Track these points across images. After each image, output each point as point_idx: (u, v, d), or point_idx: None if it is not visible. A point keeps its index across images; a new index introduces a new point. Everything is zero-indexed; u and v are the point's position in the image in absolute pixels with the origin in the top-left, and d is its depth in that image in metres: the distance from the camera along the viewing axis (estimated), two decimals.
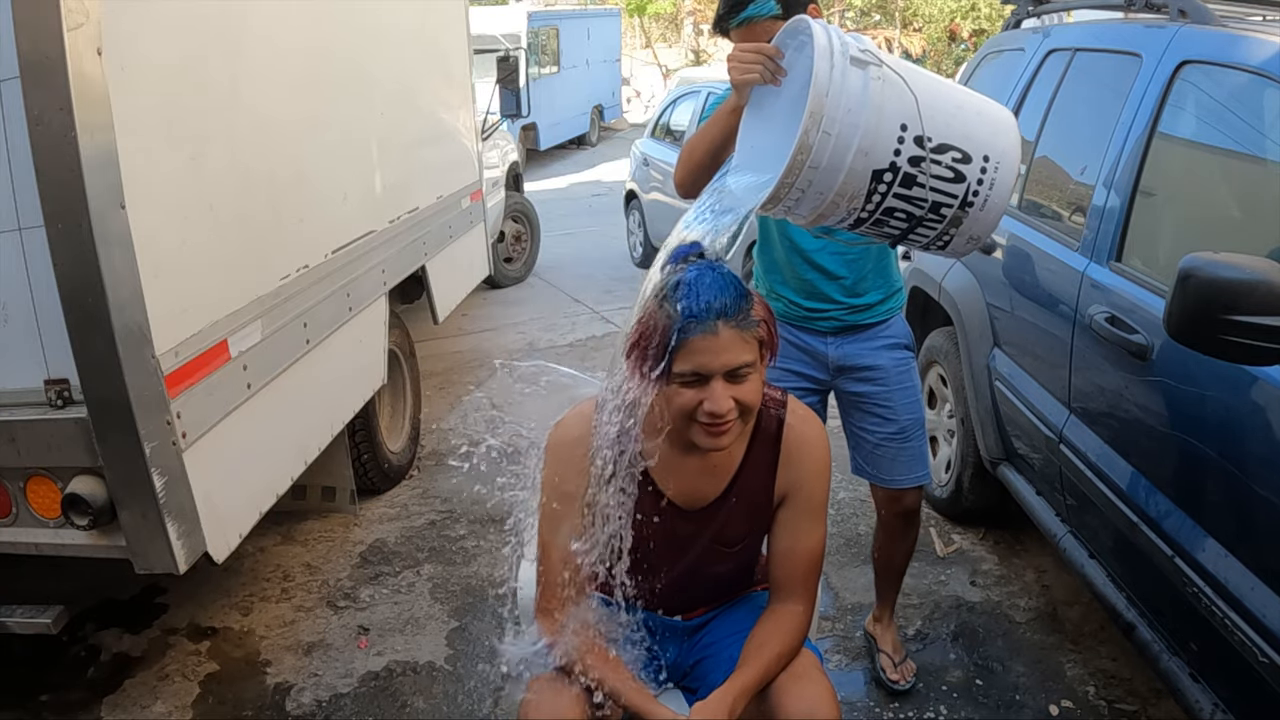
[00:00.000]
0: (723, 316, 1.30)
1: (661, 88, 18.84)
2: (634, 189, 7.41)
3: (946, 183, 1.52)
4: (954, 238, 1.60)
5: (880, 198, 1.52)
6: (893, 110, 1.48)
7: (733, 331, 1.31)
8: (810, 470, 1.52)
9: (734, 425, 1.37)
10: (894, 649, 2.50)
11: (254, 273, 2.43)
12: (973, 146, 1.52)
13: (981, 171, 1.53)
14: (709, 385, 1.33)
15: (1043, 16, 3.35)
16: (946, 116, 1.52)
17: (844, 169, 1.48)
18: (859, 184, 1.50)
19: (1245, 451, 1.68)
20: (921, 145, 1.49)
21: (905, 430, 2.22)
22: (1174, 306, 1.47)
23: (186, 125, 2.14)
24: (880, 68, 1.48)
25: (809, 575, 1.54)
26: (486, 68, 5.83)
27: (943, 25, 14.11)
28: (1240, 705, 1.72)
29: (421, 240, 3.83)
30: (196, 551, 2.10)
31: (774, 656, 1.46)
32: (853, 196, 1.52)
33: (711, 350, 1.31)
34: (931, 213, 1.55)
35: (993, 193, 1.55)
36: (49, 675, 2.62)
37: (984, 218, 1.57)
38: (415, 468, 3.81)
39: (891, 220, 1.56)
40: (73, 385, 1.95)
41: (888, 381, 2.19)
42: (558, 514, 1.49)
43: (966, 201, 1.54)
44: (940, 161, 1.51)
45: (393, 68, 3.63)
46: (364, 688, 2.53)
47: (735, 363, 1.32)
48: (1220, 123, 2.10)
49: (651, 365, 1.34)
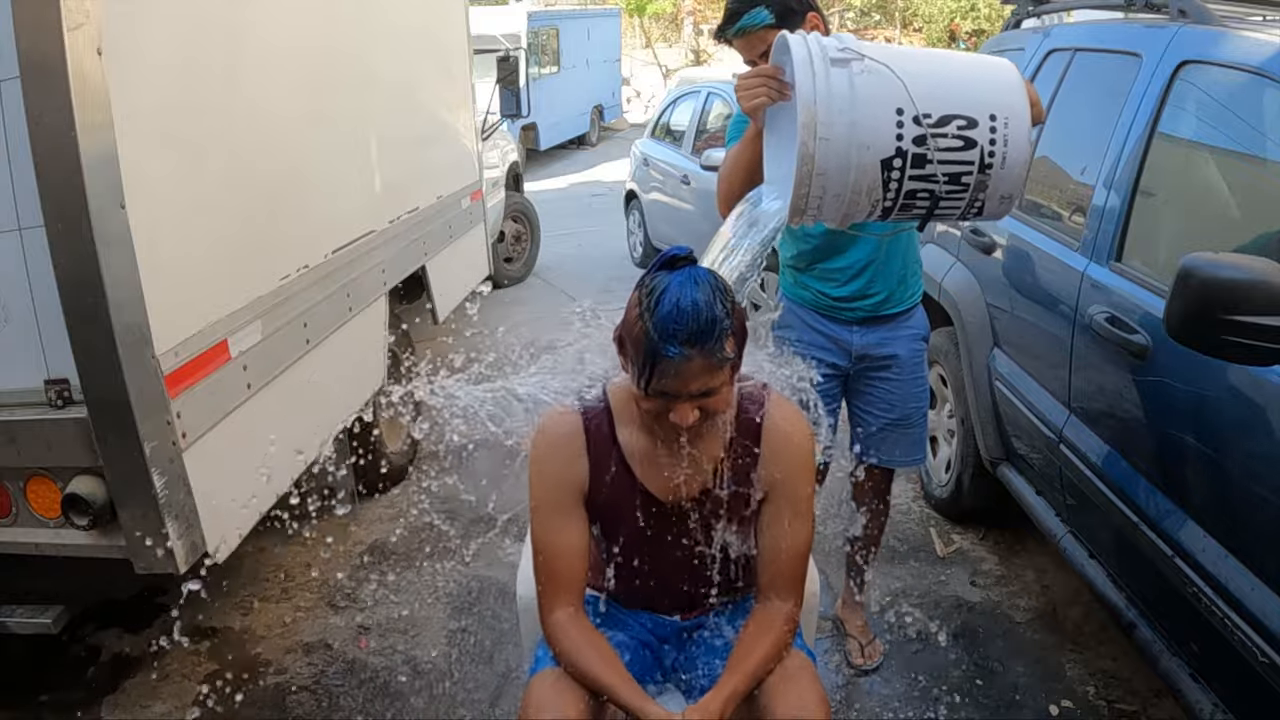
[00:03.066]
0: (697, 346, 1.28)
1: (661, 88, 18.83)
2: (634, 189, 7.41)
3: (957, 152, 1.52)
4: (985, 201, 1.59)
5: (897, 184, 1.52)
6: (884, 98, 1.48)
7: (704, 361, 1.30)
8: (793, 465, 1.51)
9: (698, 424, 1.38)
10: (861, 631, 2.57)
11: (254, 272, 2.43)
12: (976, 110, 1.52)
13: (991, 131, 1.52)
14: (676, 402, 1.35)
15: (1043, 16, 3.35)
16: (940, 89, 1.52)
17: (851, 167, 1.49)
18: (871, 177, 1.51)
19: (1245, 451, 1.68)
20: (921, 124, 1.49)
21: (909, 416, 2.31)
22: (1174, 306, 1.47)
23: (186, 125, 2.14)
24: (862, 61, 1.49)
25: (795, 573, 1.54)
26: (486, 68, 5.82)
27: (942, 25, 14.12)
28: (1240, 705, 1.72)
29: (422, 240, 3.83)
30: (196, 551, 2.10)
31: (762, 658, 1.46)
32: (870, 190, 1.53)
33: (681, 377, 1.31)
34: (952, 184, 1.54)
35: (1009, 149, 1.54)
36: (49, 675, 2.62)
37: (1008, 174, 1.56)
38: (415, 468, 3.81)
39: (916, 201, 1.56)
40: (73, 385, 1.95)
41: (902, 372, 2.27)
42: (559, 508, 1.50)
43: (985, 165, 1.54)
44: (945, 134, 1.51)
45: (393, 68, 3.62)
46: (364, 688, 2.53)
47: (703, 389, 1.33)
48: (1220, 123, 2.10)
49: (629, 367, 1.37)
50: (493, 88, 5.80)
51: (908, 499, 3.46)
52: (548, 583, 1.50)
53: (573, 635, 1.47)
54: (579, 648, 1.46)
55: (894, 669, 2.54)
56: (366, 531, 3.35)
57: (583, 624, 1.50)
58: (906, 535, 3.22)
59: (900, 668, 2.54)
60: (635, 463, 1.51)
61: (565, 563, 1.49)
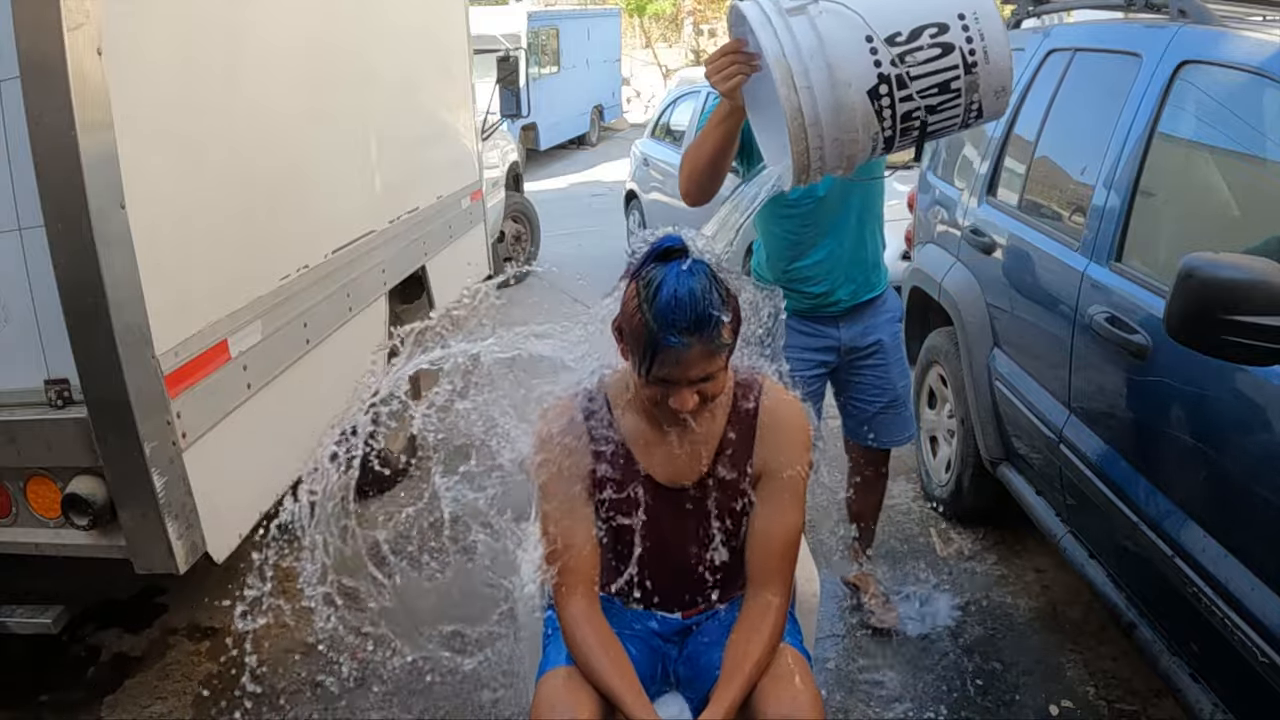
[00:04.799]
0: (696, 333, 1.33)
1: (661, 88, 18.83)
2: (634, 189, 7.41)
3: (938, 60, 1.53)
4: (980, 101, 1.60)
5: (890, 111, 1.54)
6: (851, 32, 1.50)
7: (702, 348, 1.34)
8: (786, 446, 1.54)
9: (696, 408, 1.42)
10: (876, 594, 2.69)
11: (254, 272, 2.43)
12: (941, 14, 1.53)
13: (964, 30, 1.53)
14: (676, 389, 1.39)
15: (1043, 16, 3.35)
16: (899, 5, 1.53)
17: (840, 107, 1.50)
18: (863, 111, 1.52)
19: (1245, 451, 1.68)
20: (894, 44, 1.51)
21: (900, 398, 2.50)
22: (1174, 306, 1.47)
23: (186, 125, 2.14)
24: (816, 3, 1.51)
25: (784, 560, 1.54)
26: (486, 68, 5.82)
27: None
28: (1240, 705, 1.72)
29: (422, 240, 3.83)
30: (196, 551, 2.10)
31: (756, 660, 1.46)
32: (866, 124, 1.54)
33: (681, 365, 1.35)
34: (943, 93, 1.56)
35: (988, 43, 1.55)
36: (49, 675, 2.62)
37: (995, 69, 1.57)
38: (415, 467, 3.81)
39: (913, 122, 1.58)
40: (73, 385, 1.95)
41: (886, 355, 2.44)
42: (567, 498, 1.52)
43: (969, 65, 1.55)
44: (920, 47, 1.52)
45: (393, 68, 3.62)
46: (365, 688, 2.53)
47: (702, 375, 1.38)
48: (1220, 123, 2.10)
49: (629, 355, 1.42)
50: (493, 88, 5.80)
51: (908, 499, 3.46)
52: (562, 574, 1.52)
53: (587, 631, 1.48)
54: (591, 647, 1.47)
55: (894, 669, 2.54)
56: (366, 531, 3.35)
57: (597, 620, 1.51)
58: (906, 535, 3.22)
59: (900, 668, 2.54)
60: (635, 447, 1.54)
61: (578, 551, 1.51)
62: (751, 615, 1.51)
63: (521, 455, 1.69)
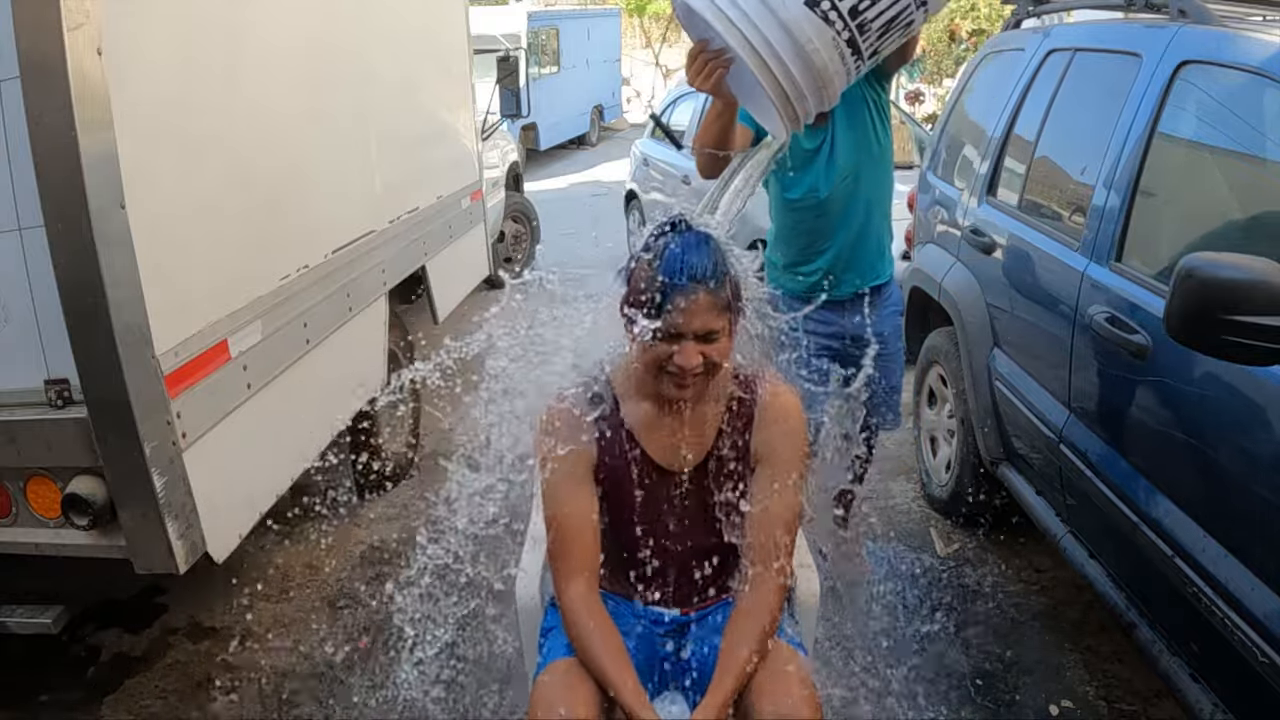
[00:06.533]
0: (702, 282, 1.41)
1: (661, 88, 18.82)
2: (634, 189, 7.40)
3: None
4: None
5: (837, 14, 1.59)
6: None
7: (709, 297, 1.42)
8: (784, 431, 1.58)
9: (699, 379, 1.47)
10: None
11: (254, 272, 2.43)
12: None
13: None
14: (681, 342, 1.43)
15: (1043, 16, 3.35)
16: None
17: (786, 27, 1.57)
18: (809, 21, 1.58)
19: (1245, 451, 1.68)
20: None
21: (895, 387, 2.69)
22: (1174, 306, 1.47)
23: (186, 125, 2.14)
24: None
25: (783, 538, 1.55)
26: (486, 68, 5.82)
27: (942, 25, 14.11)
28: (1240, 705, 1.72)
29: (422, 240, 3.83)
30: (196, 551, 2.10)
31: (749, 654, 1.46)
32: (820, 34, 1.60)
33: (688, 312, 1.41)
34: None
35: None
36: (49, 675, 2.62)
37: None
38: (415, 468, 3.81)
39: (868, 16, 1.63)
40: (73, 385, 1.95)
41: (888, 346, 2.56)
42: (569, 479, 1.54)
43: None
44: None
45: (393, 68, 3.62)
46: (365, 688, 2.52)
47: (707, 327, 1.43)
48: (1220, 123, 2.10)
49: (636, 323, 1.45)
50: (493, 88, 5.79)
51: (908, 499, 3.46)
52: (563, 558, 1.53)
53: (585, 618, 1.49)
54: (591, 631, 1.48)
55: (894, 669, 2.54)
56: (367, 531, 3.35)
57: (596, 607, 1.52)
58: (907, 535, 3.22)
59: (900, 667, 2.54)
60: (638, 431, 1.57)
61: (578, 534, 1.53)
62: (749, 596, 1.52)
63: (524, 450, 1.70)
